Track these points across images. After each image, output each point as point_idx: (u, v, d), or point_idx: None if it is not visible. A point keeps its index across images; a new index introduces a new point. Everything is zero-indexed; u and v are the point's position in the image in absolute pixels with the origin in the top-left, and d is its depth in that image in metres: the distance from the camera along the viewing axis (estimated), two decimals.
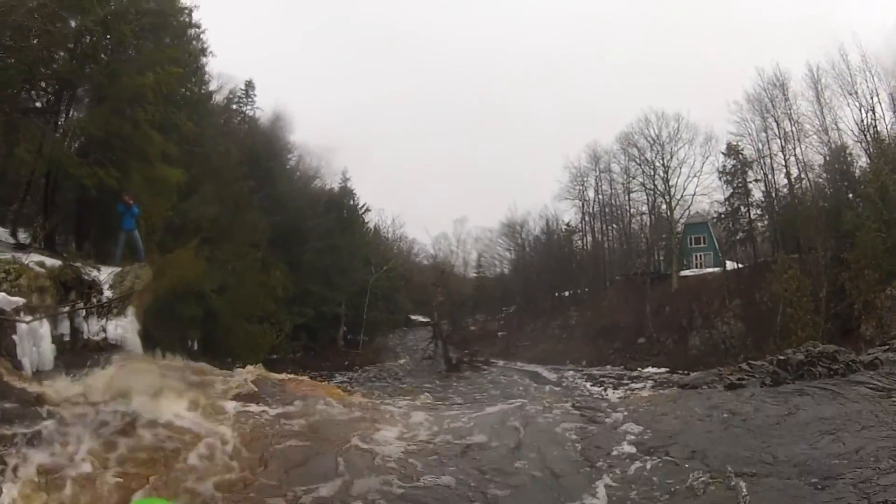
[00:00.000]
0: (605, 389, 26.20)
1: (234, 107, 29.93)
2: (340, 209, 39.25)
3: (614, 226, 45.53)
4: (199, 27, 17.20)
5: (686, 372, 28.83)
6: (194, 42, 17.21)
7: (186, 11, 16.18)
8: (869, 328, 23.37)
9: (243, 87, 31.58)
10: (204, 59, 18.59)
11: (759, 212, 36.97)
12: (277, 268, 26.53)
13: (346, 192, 41.60)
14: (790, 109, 33.28)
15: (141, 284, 12.07)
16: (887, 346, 9.60)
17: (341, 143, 60.24)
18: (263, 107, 32.72)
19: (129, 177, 14.81)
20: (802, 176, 33.43)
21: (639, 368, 31.91)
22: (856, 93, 30.19)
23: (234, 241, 22.19)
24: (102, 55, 12.99)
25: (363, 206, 42.76)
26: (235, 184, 22.78)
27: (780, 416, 7.13)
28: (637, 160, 40.66)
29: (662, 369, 30.96)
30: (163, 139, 16.31)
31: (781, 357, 8.93)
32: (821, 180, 32.72)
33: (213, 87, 24.88)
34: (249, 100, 31.61)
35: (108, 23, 12.52)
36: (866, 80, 29.93)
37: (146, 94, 14.62)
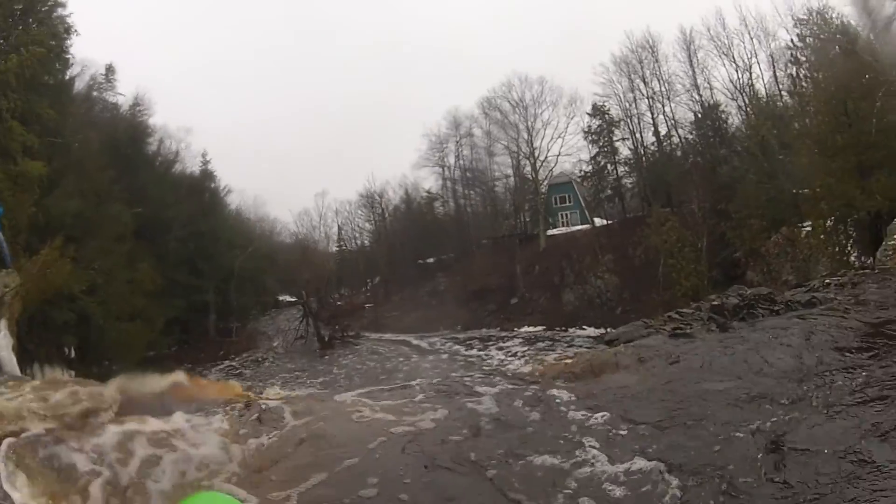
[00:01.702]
0: (503, 355, 26.38)
1: (95, 94, 26.95)
2: (202, 193, 37.43)
3: (477, 189, 45.48)
4: (63, 6, 15.55)
5: (563, 328, 30.90)
6: (58, 24, 15.53)
7: None
8: (756, 274, 23.97)
9: (104, 72, 28.61)
10: (68, 41, 16.73)
11: (626, 169, 38.09)
12: (144, 260, 24.89)
13: (207, 175, 39.65)
14: (659, 70, 34.37)
15: (11, 293, 11.29)
16: (808, 287, 9.63)
17: (201, 126, 56.55)
18: (127, 92, 29.97)
19: None
20: (672, 133, 34.75)
21: (515, 328, 32.85)
22: (731, 54, 31.35)
23: (98, 237, 20.58)
24: None
25: (225, 187, 41.31)
26: (97, 175, 20.96)
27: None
28: (500, 123, 40.39)
29: (539, 327, 32.27)
30: (25, 131, 14.87)
31: (715, 302, 8.38)
32: (691, 136, 34.07)
33: (75, 71, 22.25)
34: (110, 85, 28.86)
35: None
36: (743, 42, 30.96)
37: (10, 81, 13.33)
